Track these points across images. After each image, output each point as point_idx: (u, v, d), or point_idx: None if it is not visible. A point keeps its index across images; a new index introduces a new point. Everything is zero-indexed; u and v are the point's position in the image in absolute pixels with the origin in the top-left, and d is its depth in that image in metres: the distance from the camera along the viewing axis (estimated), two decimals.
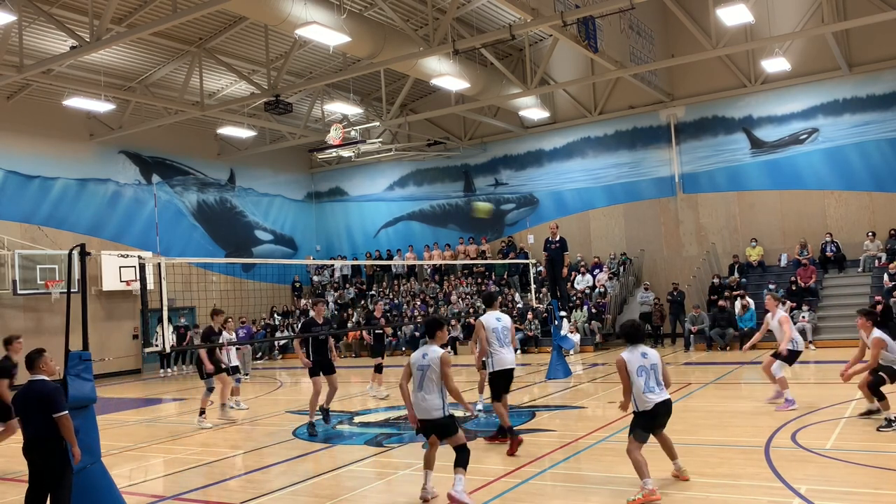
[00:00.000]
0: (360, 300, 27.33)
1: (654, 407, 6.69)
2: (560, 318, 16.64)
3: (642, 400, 6.72)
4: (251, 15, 16.25)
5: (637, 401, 6.77)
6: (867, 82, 21.14)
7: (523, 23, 16.44)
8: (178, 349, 21.97)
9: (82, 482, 6.47)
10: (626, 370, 6.73)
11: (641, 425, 6.77)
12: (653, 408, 6.69)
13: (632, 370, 6.72)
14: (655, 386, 6.74)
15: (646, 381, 6.71)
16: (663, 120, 24.01)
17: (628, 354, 6.80)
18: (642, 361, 6.76)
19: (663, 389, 6.81)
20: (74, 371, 6.68)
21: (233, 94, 24.28)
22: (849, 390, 11.65)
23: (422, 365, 6.88)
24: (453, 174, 28.36)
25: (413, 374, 6.97)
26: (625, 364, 6.74)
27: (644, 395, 6.70)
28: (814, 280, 20.41)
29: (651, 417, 6.74)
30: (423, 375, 6.86)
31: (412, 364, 6.98)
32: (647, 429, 6.80)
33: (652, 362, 6.79)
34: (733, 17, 16.45)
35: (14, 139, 21.87)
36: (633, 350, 6.82)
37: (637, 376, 6.71)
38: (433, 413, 6.86)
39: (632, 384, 6.74)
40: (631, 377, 6.72)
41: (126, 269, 22.55)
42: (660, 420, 6.85)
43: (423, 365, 6.87)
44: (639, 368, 6.73)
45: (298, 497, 7.49)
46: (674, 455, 7.06)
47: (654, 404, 6.69)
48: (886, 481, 6.64)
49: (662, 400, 6.73)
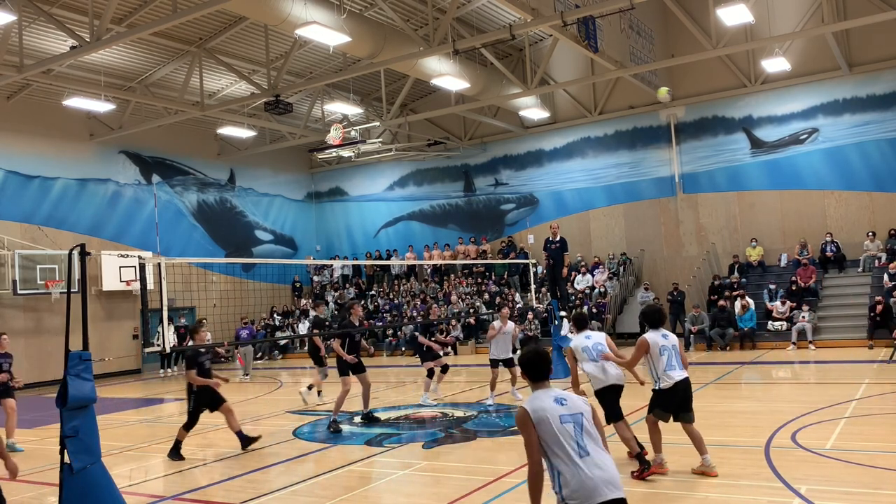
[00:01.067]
0: (359, 300, 27.31)
1: (675, 384, 7.06)
2: (560, 318, 16.64)
3: (665, 378, 7.09)
4: (251, 15, 16.25)
5: (660, 379, 7.12)
6: (867, 82, 21.13)
7: (523, 23, 16.43)
8: (179, 349, 21.95)
9: (82, 482, 6.47)
10: (646, 349, 7.13)
11: (661, 404, 7.17)
12: (673, 385, 7.05)
13: (654, 349, 7.12)
14: (676, 365, 7.12)
15: (668, 359, 7.09)
16: (663, 120, 24.01)
17: (652, 335, 7.21)
18: (664, 342, 7.16)
19: (683, 369, 7.17)
20: (74, 371, 6.67)
21: (233, 94, 24.28)
22: (849, 390, 11.66)
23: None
24: (453, 174, 28.36)
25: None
26: (647, 343, 7.14)
27: (666, 373, 7.08)
28: (814, 280, 20.41)
29: (671, 395, 7.08)
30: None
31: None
32: (667, 408, 7.16)
33: (672, 343, 7.20)
34: (733, 17, 16.44)
35: (14, 139, 21.87)
36: (654, 332, 7.24)
37: (660, 355, 7.10)
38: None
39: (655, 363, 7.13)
40: (653, 356, 7.12)
41: (126, 269, 22.55)
42: (678, 397, 7.11)
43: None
44: (661, 348, 7.12)
45: (298, 497, 7.49)
46: (703, 450, 7.17)
47: (675, 381, 7.06)
48: (886, 481, 6.64)
49: (682, 378, 7.10)
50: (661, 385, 7.13)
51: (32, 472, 9.38)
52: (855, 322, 18.67)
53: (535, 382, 4.15)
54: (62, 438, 6.49)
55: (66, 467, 6.45)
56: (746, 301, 19.71)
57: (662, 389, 7.12)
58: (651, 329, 7.32)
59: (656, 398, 7.20)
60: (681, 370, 7.14)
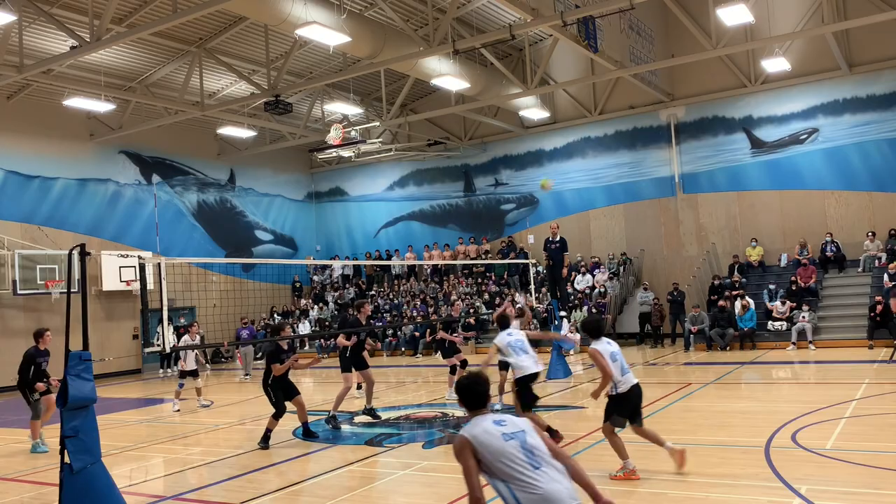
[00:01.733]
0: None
1: (632, 388, 7.23)
2: (560, 318, 16.65)
3: (621, 382, 7.22)
4: (251, 15, 16.25)
5: (617, 384, 7.22)
6: (867, 82, 21.13)
7: (523, 23, 16.44)
8: (178, 349, 21.93)
9: (82, 482, 6.46)
10: (601, 356, 7.18)
11: (618, 410, 7.25)
12: (630, 389, 7.22)
13: (605, 356, 7.21)
14: (628, 369, 7.35)
15: (620, 365, 7.27)
16: (663, 120, 24.01)
17: (599, 345, 7.34)
18: (612, 349, 7.34)
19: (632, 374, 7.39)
20: (74, 371, 6.67)
21: (233, 94, 24.28)
22: (849, 390, 11.66)
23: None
24: (453, 174, 28.36)
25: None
26: (598, 352, 7.22)
27: (623, 377, 7.24)
28: (814, 280, 20.41)
29: (627, 399, 7.22)
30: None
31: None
32: (623, 413, 7.24)
33: (617, 349, 7.40)
34: (733, 17, 16.45)
35: (14, 139, 21.86)
36: (598, 342, 7.40)
37: (612, 361, 7.23)
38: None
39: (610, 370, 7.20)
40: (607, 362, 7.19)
41: (126, 269, 22.54)
42: (634, 402, 7.26)
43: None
44: (612, 354, 7.28)
45: (298, 497, 7.49)
46: (660, 441, 7.31)
47: (632, 385, 7.23)
48: (886, 481, 6.64)
49: (636, 382, 7.30)
50: (619, 389, 7.22)
51: (32, 472, 9.38)
52: (855, 322, 18.67)
53: (471, 410, 3.98)
54: (62, 438, 6.49)
55: (66, 467, 6.44)
56: (746, 301, 19.71)
57: (620, 394, 7.22)
58: (594, 340, 7.48)
59: (613, 404, 7.26)
60: (632, 374, 7.36)
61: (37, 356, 10.69)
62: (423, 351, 23.43)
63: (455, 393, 4.19)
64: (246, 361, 20.21)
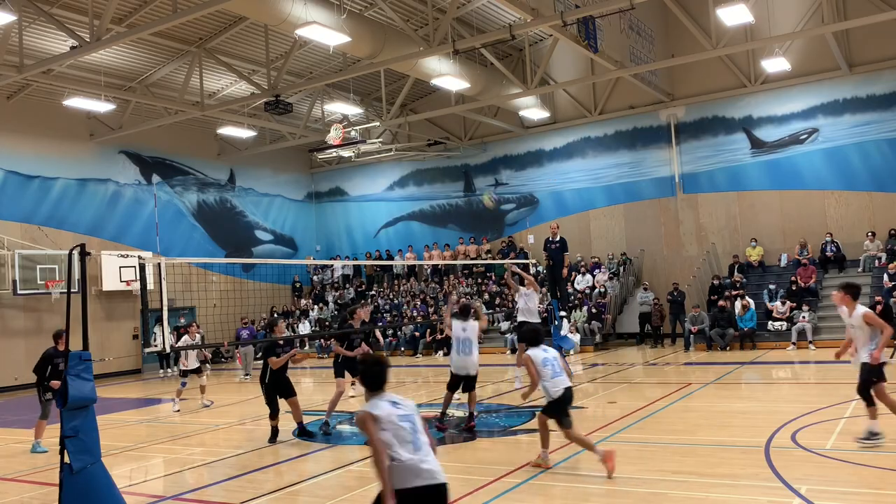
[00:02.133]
0: (359, 300, 27.30)
1: (563, 392, 7.65)
2: (560, 318, 16.63)
3: (553, 386, 7.64)
4: (251, 15, 16.25)
5: (548, 389, 7.66)
6: (867, 82, 21.13)
7: (523, 23, 16.44)
8: (178, 349, 21.92)
9: (82, 482, 6.46)
10: (533, 363, 7.68)
11: (555, 411, 7.70)
12: (562, 393, 7.64)
13: (538, 362, 7.69)
14: (561, 372, 7.75)
15: (552, 369, 7.71)
16: (663, 120, 24.01)
17: (533, 351, 7.82)
18: (545, 355, 7.80)
19: (566, 377, 7.81)
20: (74, 371, 6.67)
21: (233, 94, 24.28)
22: (849, 390, 11.65)
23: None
24: (453, 174, 28.36)
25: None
26: (531, 359, 7.72)
27: (553, 380, 7.65)
28: (814, 280, 20.40)
29: (561, 403, 7.65)
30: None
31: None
32: (558, 413, 7.70)
33: (553, 355, 7.86)
34: (733, 17, 16.45)
35: (14, 139, 21.86)
36: (535, 349, 7.87)
37: (543, 367, 7.69)
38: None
39: (541, 376, 7.67)
40: (539, 368, 7.67)
41: (126, 269, 22.54)
42: (568, 405, 7.71)
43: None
44: (543, 360, 7.74)
45: (298, 497, 7.49)
46: (591, 446, 7.63)
47: (563, 389, 7.65)
48: (886, 481, 6.64)
49: (568, 385, 7.74)
50: (552, 396, 7.67)
51: (32, 472, 9.38)
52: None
53: (371, 392, 4.44)
54: (62, 438, 6.49)
55: (66, 467, 6.44)
56: (746, 301, 19.70)
57: (554, 399, 7.67)
58: (531, 347, 7.90)
59: (550, 411, 7.77)
60: (565, 378, 7.77)
61: (55, 356, 10.73)
62: (423, 351, 23.44)
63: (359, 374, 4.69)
64: (246, 361, 20.19)
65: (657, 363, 17.74)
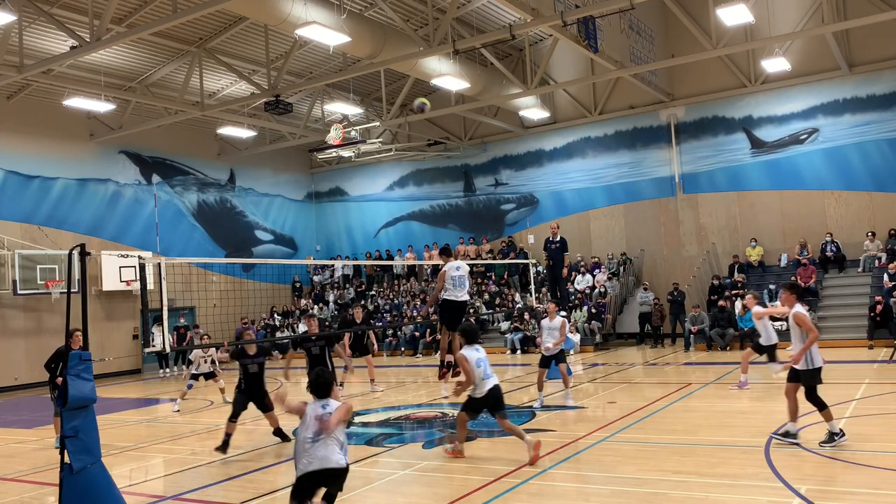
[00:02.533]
0: (359, 300, 27.32)
1: (488, 391, 8.23)
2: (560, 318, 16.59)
3: (480, 385, 8.23)
4: (251, 15, 16.25)
5: (476, 388, 8.24)
6: (867, 82, 21.13)
7: (523, 23, 16.44)
8: (178, 349, 21.94)
9: (82, 482, 6.47)
10: (468, 362, 8.19)
11: (474, 407, 8.40)
12: (487, 392, 8.23)
13: (472, 362, 8.19)
14: (491, 374, 8.31)
15: (483, 370, 8.26)
16: (663, 120, 24.01)
17: (467, 351, 8.30)
18: (478, 355, 8.32)
19: (494, 377, 8.37)
20: (74, 371, 6.68)
21: (233, 94, 24.28)
22: (849, 390, 11.67)
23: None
24: (453, 174, 28.36)
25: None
26: (466, 358, 8.23)
27: (482, 381, 8.23)
28: (814, 280, 20.40)
29: (483, 401, 8.28)
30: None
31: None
32: (477, 410, 8.42)
33: (483, 355, 8.38)
34: (733, 17, 16.45)
35: (14, 139, 21.86)
36: (469, 347, 8.35)
37: (476, 367, 8.21)
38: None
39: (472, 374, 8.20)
40: (472, 368, 8.17)
41: (126, 269, 22.55)
42: (491, 401, 8.26)
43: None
44: (477, 360, 8.26)
45: None
46: (521, 435, 8.16)
47: (488, 389, 8.23)
48: (886, 481, 6.64)
49: (494, 385, 8.29)
50: (476, 394, 8.26)
51: (32, 472, 9.38)
52: (855, 322, 18.66)
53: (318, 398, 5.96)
54: (62, 438, 6.49)
55: (66, 467, 6.45)
56: (746, 301, 19.66)
57: (476, 398, 8.28)
58: (467, 345, 8.39)
59: (470, 403, 8.38)
60: (493, 378, 8.33)
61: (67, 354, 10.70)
62: (424, 351, 23.44)
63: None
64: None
65: (657, 363, 17.75)
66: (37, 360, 20.95)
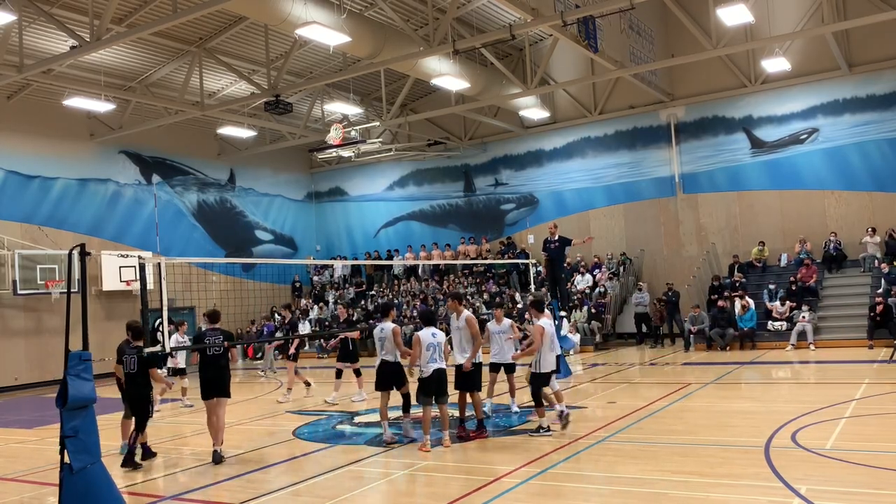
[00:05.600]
0: (359, 300, 27.32)
1: (432, 373, 9.02)
2: (560, 318, 16.64)
3: (426, 368, 9.02)
4: (251, 15, 16.25)
5: (423, 369, 9.04)
6: (867, 82, 21.13)
7: (523, 23, 16.43)
8: (178, 349, 21.87)
9: (82, 482, 6.47)
10: (420, 343, 9.06)
11: (423, 390, 9.07)
12: (431, 373, 9.01)
13: (424, 344, 9.05)
14: (437, 358, 9.11)
15: (432, 354, 9.08)
16: (663, 120, 24.01)
17: (423, 333, 9.17)
18: (431, 339, 9.11)
19: (442, 361, 9.19)
20: (74, 371, 6.68)
21: (233, 94, 24.28)
22: (849, 390, 11.67)
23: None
24: (453, 174, 28.36)
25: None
26: (419, 339, 9.10)
27: (427, 364, 9.03)
28: (814, 279, 20.39)
29: (429, 382, 9.02)
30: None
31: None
32: (428, 393, 9.06)
33: (439, 341, 9.15)
34: (733, 17, 16.44)
35: (14, 139, 21.85)
36: (426, 330, 9.22)
37: (426, 350, 9.04)
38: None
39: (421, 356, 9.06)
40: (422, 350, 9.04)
41: (126, 269, 22.53)
42: (434, 385, 9.02)
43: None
44: (429, 345, 9.07)
45: (298, 497, 7.49)
46: (445, 427, 9.15)
47: (433, 370, 9.02)
48: (886, 481, 6.64)
49: (438, 367, 9.08)
50: (423, 375, 9.04)
51: (32, 472, 9.38)
52: (855, 322, 18.66)
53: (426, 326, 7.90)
54: (62, 438, 6.49)
55: (66, 467, 6.45)
56: (746, 301, 19.69)
57: (423, 378, 9.04)
58: (425, 327, 9.27)
59: (420, 387, 9.10)
60: (440, 362, 9.12)
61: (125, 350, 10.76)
62: None
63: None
64: (268, 358, 20.47)
65: (657, 363, 17.75)
66: (36, 361, 21.06)
